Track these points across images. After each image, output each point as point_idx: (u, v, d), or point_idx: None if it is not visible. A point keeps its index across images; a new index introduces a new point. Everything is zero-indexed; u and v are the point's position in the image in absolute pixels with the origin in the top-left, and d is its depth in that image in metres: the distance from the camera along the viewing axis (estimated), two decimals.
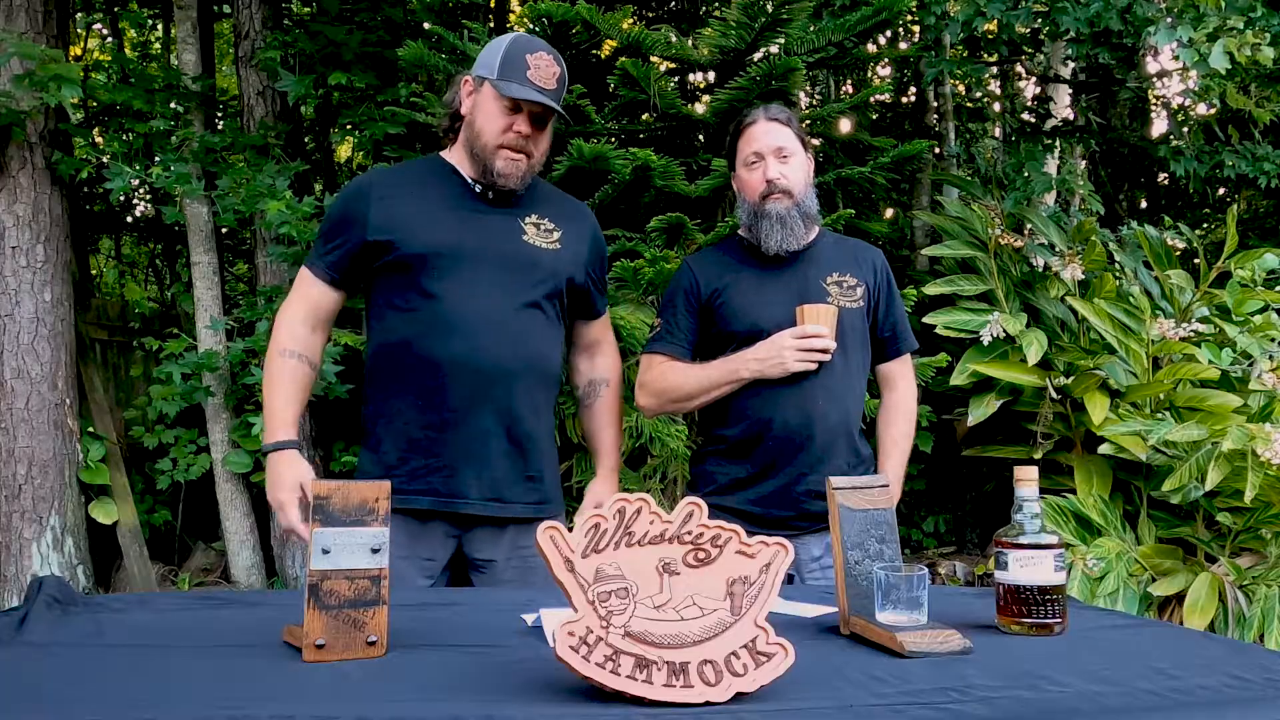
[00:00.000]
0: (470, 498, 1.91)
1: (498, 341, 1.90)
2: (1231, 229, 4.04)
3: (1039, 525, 1.37)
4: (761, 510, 2.06)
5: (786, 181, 2.10)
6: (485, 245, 1.93)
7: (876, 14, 4.10)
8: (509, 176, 1.94)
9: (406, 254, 1.91)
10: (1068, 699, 1.05)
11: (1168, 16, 3.63)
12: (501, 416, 1.92)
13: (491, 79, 1.91)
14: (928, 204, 5.20)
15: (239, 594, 1.72)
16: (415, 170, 2.08)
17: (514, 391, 1.93)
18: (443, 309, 1.89)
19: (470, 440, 1.89)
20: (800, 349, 2.02)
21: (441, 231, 1.93)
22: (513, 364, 1.92)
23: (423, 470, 1.89)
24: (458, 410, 1.89)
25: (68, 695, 1.02)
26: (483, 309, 1.90)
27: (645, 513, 1.09)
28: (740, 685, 1.04)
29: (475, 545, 1.93)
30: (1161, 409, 3.89)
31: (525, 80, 1.89)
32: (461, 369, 1.88)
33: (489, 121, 1.93)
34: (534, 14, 3.90)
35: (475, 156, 1.96)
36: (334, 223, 1.99)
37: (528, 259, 1.97)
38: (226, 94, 5.78)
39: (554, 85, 1.92)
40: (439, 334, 1.88)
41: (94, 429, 4.46)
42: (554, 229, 2.02)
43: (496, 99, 1.91)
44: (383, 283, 1.96)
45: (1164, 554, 3.71)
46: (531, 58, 1.90)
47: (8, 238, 4.16)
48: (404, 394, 1.91)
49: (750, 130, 2.14)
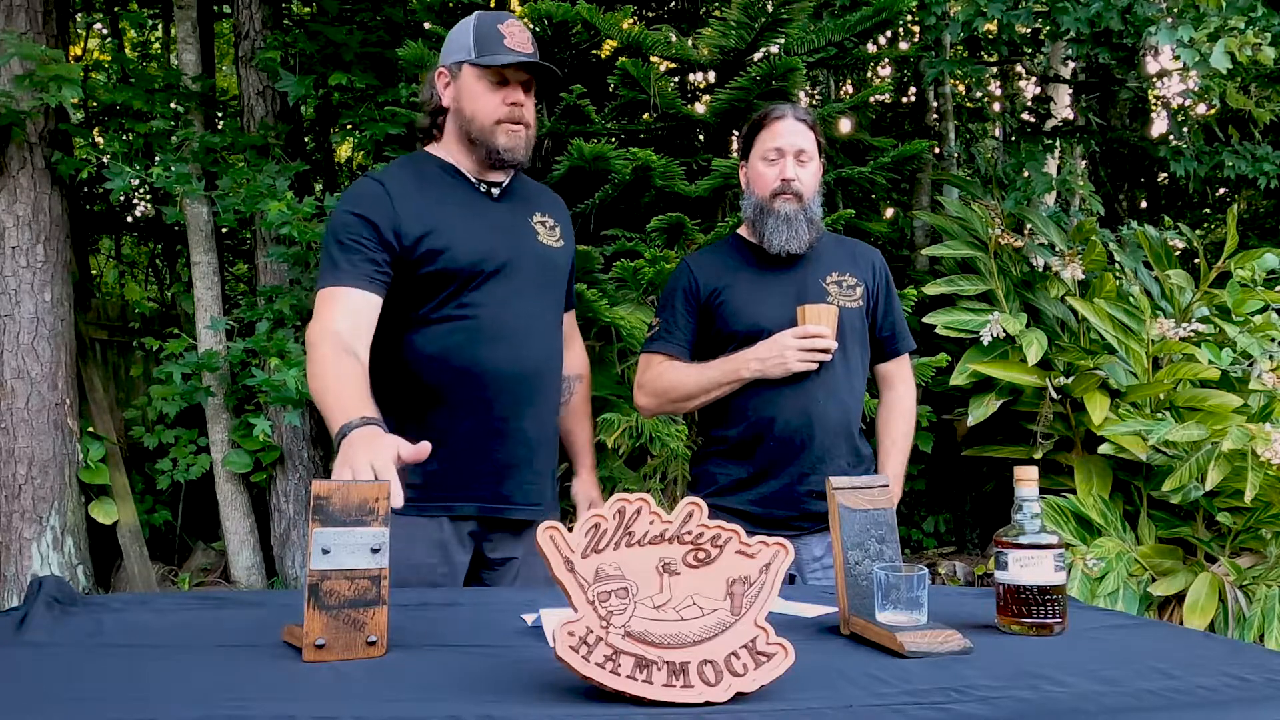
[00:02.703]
0: (516, 503, 1.90)
1: (535, 347, 1.90)
2: (1231, 229, 4.04)
3: (1039, 525, 1.37)
4: (763, 511, 2.06)
5: (800, 184, 2.10)
6: (516, 251, 1.90)
7: (876, 14, 4.11)
8: (514, 149, 1.88)
9: (453, 265, 1.82)
10: (1068, 699, 1.05)
11: (1168, 16, 3.63)
12: (539, 422, 1.92)
13: (470, 60, 1.86)
14: (928, 204, 5.20)
15: (239, 594, 1.72)
16: (417, 171, 1.96)
17: (549, 396, 1.94)
18: (481, 318, 1.84)
19: (517, 448, 1.88)
20: (802, 349, 2.02)
21: (477, 239, 1.86)
22: (546, 368, 1.93)
23: (470, 478, 1.85)
24: (506, 419, 1.86)
25: (68, 695, 1.02)
26: (521, 316, 1.88)
27: (645, 513, 1.09)
28: (740, 685, 1.04)
29: (497, 546, 1.92)
30: (1161, 409, 3.89)
31: (505, 49, 1.84)
32: (507, 379, 1.85)
33: (479, 101, 1.87)
34: (534, 14, 3.90)
35: (474, 143, 1.89)
36: (357, 230, 1.80)
37: (548, 261, 1.96)
38: (226, 94, 5.78)
39: (532, 48, 1.88)
40: (484, 344, 1.84)
41: (94, 429, 4.46)
42: (555, 225, 2.01)
43: (480, 77, 1.86)
44: (416, 294, 1.84)
45: (1164, 554, 3.71)
46: (503, 26, 1.86)
47: (8, 238, 4.16)
48: (446, 404, 1.84)
49: (776, 125, 2.12)
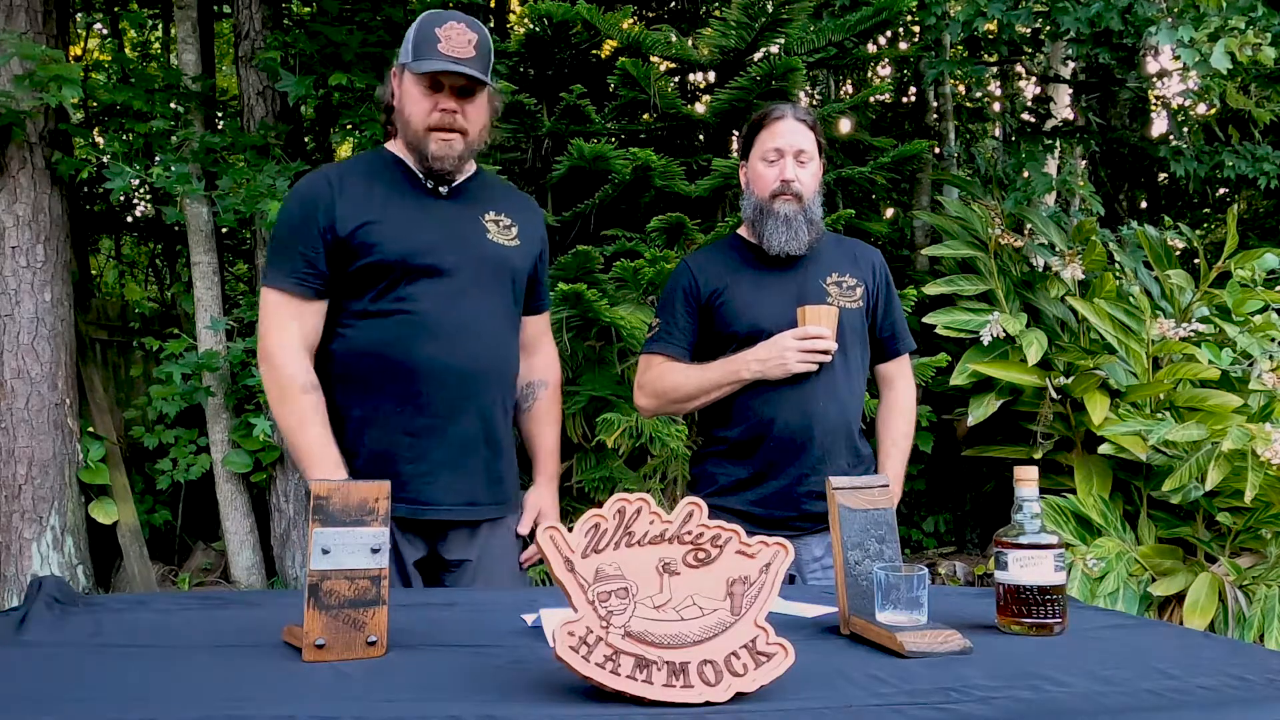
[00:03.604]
0: (446, 504, 1.89)
1: (475, 345, 1.89)
2: (1231, 229, 4.05)
3: (1039, 525, 1.37)
4: (763, 511, 2.06)
5: (800, 185, 2.09)
6: (457, 248, 1.90)
7: (876, 14, 4.11)
8: (443, 159, 1.88)
9: (386, 258, 1.84)
10: (1068, 699, 1.05)
11: (1168, 16, 3.63)
12: (480, 422, 1.90)
13: (408, 63, 1.87)
14: (928, 204, 5.20)
15: (239, 594, 1.72)
16: (367, 167, 1.98)
17: (492, 395, 1.92)
18: (421, 313, 1.85)
19: (452, 446, 1.87)
20: (802, 349, 2.02)
21: (416, 233, 1.87)
22: (489, 367, 1.91)
23: (401, 477, 1.83)
24: (440, 416, 1.86)
25: (68, 695, 1.02)
26: (460, 313, 1.87)
27: (645, 513, 1.09)
28: (740, 685, 1.04)
29: (452, 547, 1.92)
30: (1161, 409, 3.89)
31: (438, 54, 1.83)
32: (443, 374, 1.85)
33: (413, 106, 1.88)
34: (534, 14, 3.90)
35: (411, 146, 1.91)
36: (298, 229, 1.87)
37: (496, 259, 1.94)
38: (226, 94, 5.78)
39: (471, 53, 1.85)
40: (418, 339, 1.84)
41: (94, 429, 4.46)
42: (511, 224, 2.00)
43: (415, 82, 1.87)
44: (351, 286, 1.87)
45: (1164, 554, 3.71)
46: (441, 30, 1.84)
47: (8, 238, 4.16)
48: (380, 400, 1.86)
49: (776, 125, 2.12)
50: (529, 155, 4.13)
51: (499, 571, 1.95)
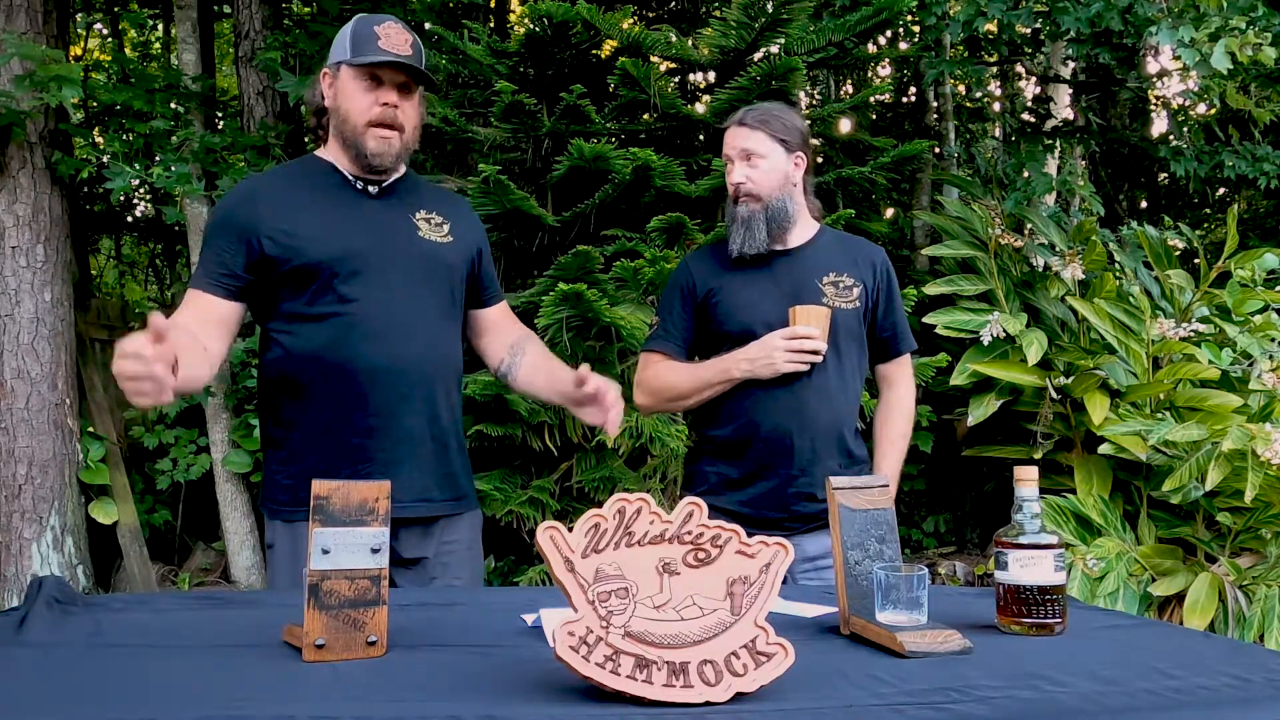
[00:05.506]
0: (397, 501, 1.90)
1: (414, 343, 1.89)
2: (1231, 229, 4.05)
3: (1039, 525, 1.37)
4: (752, 511, 2.06)
5: (751, 185, 2.09)
6: (386, 246, 1.90)
7: (876, 14, 4.11)
8: (382, 155, 1.89)
9: (309, 262, 1.85)
10: (1068, 699, 1.05)
11: (1168, 16, 3.63)
12: (424, 418, 1.91)
13: (346, 60, 1.88)
14: (928, 204, 5.21)
15: (239, 594, 1.72)
16: (295, 172, 2.01)
17: (434, 391, 1.92)
18: (354, 314, 1.85)
19: (397, 444, 1.88)
20: (790, 349, 2.02)
21: (341, 235, 1.88)
22: (430, 364, 1.92)
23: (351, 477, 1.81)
24: (382, 415, 1.86)
25: (68, 695, 1.02)
26: (395, 311, 1.88)
27: (645, 513, 1.09)
28: (740, 685, 1.04)
29: (405, 544, 1.92)
30: (1161, 409, 3.89)
31: (379, 50, 1.85)
32: (382, 374, 1.86)
33: (352, 102, 1.89)
34: (534, 14, 3.90)
35: (347, 144, 1.92)
36: (221, 234, 1.88)
37: (428, 256, 1.95)
38: (226, 94, 5.78)
39: (409, 50, 1.88)
40: (354, 340, 1.85)
41: (94, 429, 4.46)
42: (443, 222, 2.00)
43: (355, 77, 1.88)
44: (283, 291, 1.88)
45: (1164, 554, 3.71)
46: (380, 28, 1.87)
47: (8, 238, 4.16)
48: (322, 403, 1.86)
49: (726, 135, 2.15)
50: (529, 155, 4.13)
51: (457, 569, 1.96)
